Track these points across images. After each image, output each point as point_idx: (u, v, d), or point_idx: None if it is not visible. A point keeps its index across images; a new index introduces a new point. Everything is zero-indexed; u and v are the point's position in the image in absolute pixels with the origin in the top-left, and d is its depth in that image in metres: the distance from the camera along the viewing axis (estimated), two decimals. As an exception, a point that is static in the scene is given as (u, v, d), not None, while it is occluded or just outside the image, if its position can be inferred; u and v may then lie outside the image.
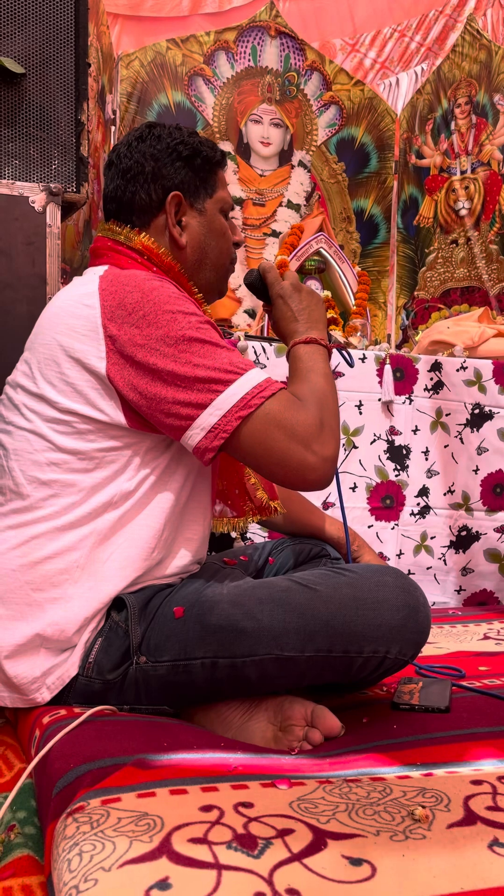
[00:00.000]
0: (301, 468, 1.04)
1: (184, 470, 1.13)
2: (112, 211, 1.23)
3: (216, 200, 1.25)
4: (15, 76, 1.53)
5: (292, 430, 1.03)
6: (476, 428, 2.20)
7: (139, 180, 1.20)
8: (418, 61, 4.24)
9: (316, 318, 1.21)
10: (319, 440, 1.05)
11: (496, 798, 0.83)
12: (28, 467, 1.07)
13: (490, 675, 1.35)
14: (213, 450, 1.03)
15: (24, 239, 1.54)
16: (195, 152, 1.22)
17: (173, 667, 1.03)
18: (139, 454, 1.08)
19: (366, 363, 2.14)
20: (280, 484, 1.10)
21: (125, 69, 2.94)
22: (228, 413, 1.02)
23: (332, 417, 1.08)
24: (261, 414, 1.03)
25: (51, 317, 1.12)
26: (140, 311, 1.04)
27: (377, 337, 3.22)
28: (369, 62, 4.35)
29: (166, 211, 1.20)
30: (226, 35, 3.11)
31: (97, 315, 1.06)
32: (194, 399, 1.02)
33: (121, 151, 1.22)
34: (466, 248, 3.29)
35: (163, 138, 1.21)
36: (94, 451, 1.06)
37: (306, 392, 1.09)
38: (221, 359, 1.03)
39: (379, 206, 3.36)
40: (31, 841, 0.83)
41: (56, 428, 1.06)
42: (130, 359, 1.04)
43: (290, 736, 0.99)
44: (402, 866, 0.69)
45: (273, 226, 3.22)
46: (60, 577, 1.05)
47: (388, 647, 1.01)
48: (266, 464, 1.05)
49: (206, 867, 0.67)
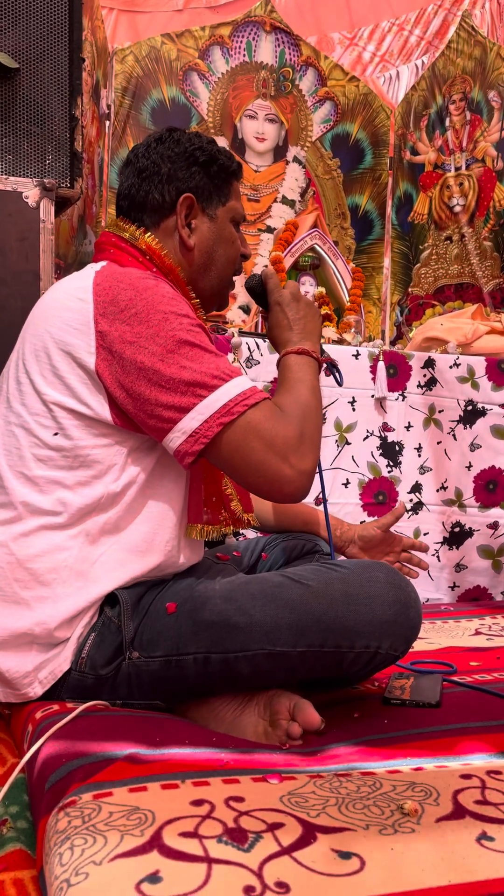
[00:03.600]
0: (276, 480, 1.04)
1: (173, 473, 1.13)
2: (124, 208, 1.24)
3: (228, 209, 1.25)
4: (8, 71, 1.52)
5: (271, 442, 1.03)
6: (469, 424, 2.21)
7: (154, 180, 1.20)
8: (419, 54, 4.24)
9: (311, 329, 1.22)
10: (297, 453, 1.05)
11: (485, 792, 0.84)
12: (15, 463, 1.07)
13: (481, 670, 1.36)
14: (193, 454, 1.03)
15: (18, 234, 1.54)
16: (212, 159, 1.22)
17: (166, 662, 1.03)
18: (124, 454, 1.08)
19: (359, 359, 2.14)
20: (256, 494, 1.09)
21: (119, 64, 2.93)
22: (210, 419, 1.01)
23: (313, 430, 1.08)
24: (242, 422, 1.02)
25: (45, 309, 1.12)
26: (132, 308, 1.04)
27: (371, 333, 3.22)
28: (368, 55, 4.34)
29: (177, 212, 1.20)
30: (221, 30, 3.10)
31: (90, 310, 1.06)
32: (178, 402, 1.02)
33: (139, 151, 1.23)
34: (460, 244, 3.30)
35: (181, 142, 1.22)
36: (79, 449, 1.06)
37: (291, 403, 1.09)
38: (209, 364, 1.03)
39: (373, 202, 3.36)
40: (23, 835, 0.83)
41: (42, 422, 1.06)
42: (119, 356, 1.04)
43: (279, 730, 1.00)
44: (391, 860, 0.70)
45: (268, 221, 3.22)
46: (49, 575, 1.05)
47: (379, 641, 1.02)
48: (243, 473, 1.05)
49: (197, 861, 0.67)
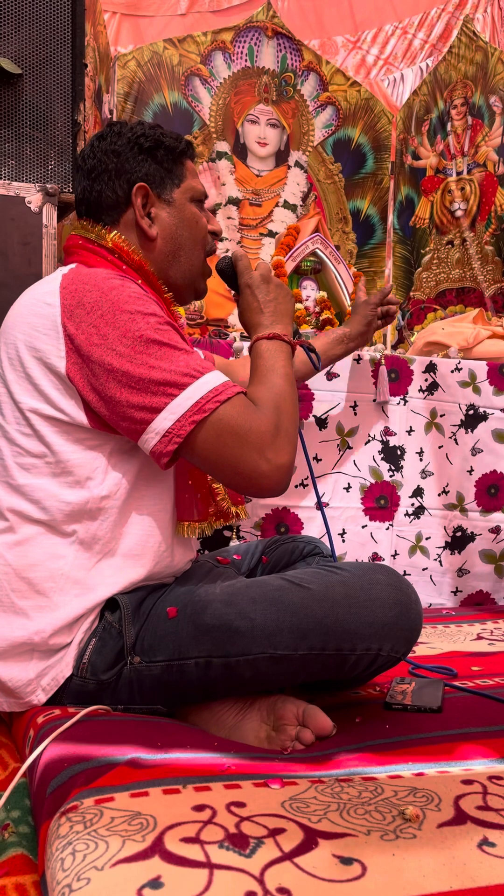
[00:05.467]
0: (254, 476, 1.02)
1: (162, 474, 1.12)
2: (82, 212, 1.23)
3: (185, 190, 1.23)
4: (11, 76, 1.53)
5: (245, 437, 1.01)
6: (470, 429, 2.21)
7: (103, 178, 1.19)
8: (423, 57, 4.24)
9: (282, 311, 1.18)
10: (273, 447, 1.02)
11: (486, 797, 0.84)
12: (0, 474, 1.07)
13: (482, 675, 1.36)
14: (168, 454, 1.01)
15: (21, 239, 1.54)
16: (157, 143, 1.21)
17: (167, 667, 1.03)
18: (104, 457, 1.07)
19: (361, 364, 2.14)
20: (235, 490, 1.07)
21: (122, 69, 2.94)
22: (182, 417, 1.00)
23: (289, 422, 1.05)
24: (214, 419, 1.00)
25: (15, 315, 1.11)
26: (98, 310, 1.03)
27: (372, 338, 3.23)
28: (372, 58, 4.35)
29: (133, 204, 1.19)
30: (223, 35, 3.11)
31: (57, 313, 1.05)
32: (149, 402, 1.00)
33: (85, 153, 1.22)
34: (462, 249, 3.30)
35: (123, 134, 1.21)
36: (59, 455, 1.05)
37: (263, 395, 1.07)
38: (178, 362, 1.02)
39: (375, 206, 3.36)
40: (25, 840, 0.83)
41: (22, 430, 1.06)
42: (88, 358, 1.03)
43: (283, 735, 1.00)
44: (393, 865, 0.70)
45: (269, 226, 3.22)
46: (46, 584, 1.05)
47: (380, 644, 1.02)
48: (220, 470, 1.04)
49: (198, 866, 0.67)
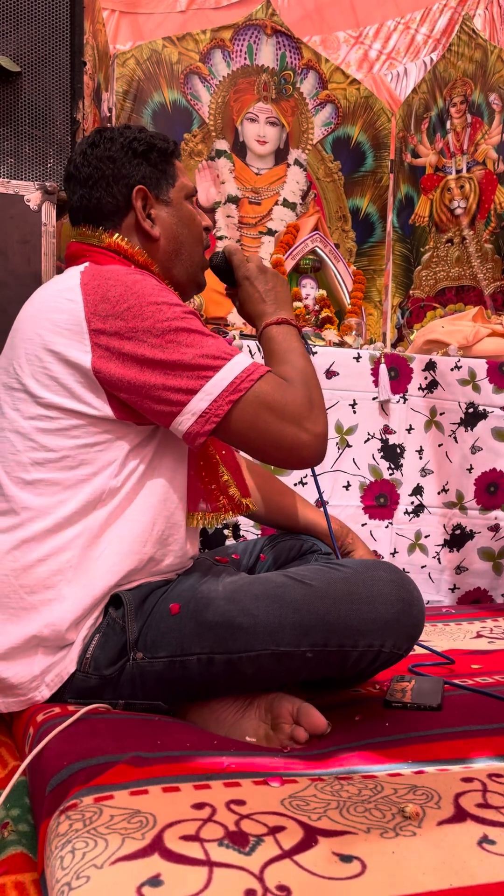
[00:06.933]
0: (296, 447, 1.06)
1: (170, 463, 1.14)
2: (80, 219, 1.24)
3: (179, 188, 1.26)
4: (10, 74, 1.53)
5: (283, 411, 1.05)
6: (470, 427, 2.21)
7: (101, 185, 1.21)
8: (426, 52, 4.23)
9: (283, 298, 1.23)
10: (311, 418, 1.07)
11: (486, 795, 0.84)
12: (12, 468, 1.07)
13: (482, 673, 1.36)
14: (205, 434, 1.04)
15: (20, 237, 1.54)
16: (150, 146, 1.23)
17: (170, 663, 1.03)
18: (123, 449, 1.09)
19: (360, 362, 2.14)
20: (275, 465, 1.11)
21: (121, 67, 2.94)
22: (219, 398, 1.03)
23: (318, 395, 1.11)
24: (251, 397, 1.04)
25: (32, 313, 1.12)
26: (125, 303, 1.05)
27: (372, 336, 3.22)
28: (374, 53, 4.34)
29: (134, 207, 1.21)
30: (222, 33, 3.11)
31: (80, 309, 1.06)
32: (184, 385, 1.03)
33: (77, 162, 1.23)
34: (461, 247, 3.30)
35: (115, 140, 1.22)
36: (78, 448, 1.06)
37: (290, 372, 1.11)
38: (209, 346, 1.05)
39: (374, 204, 3.36)
40: (24, 838, 0.83)
41: (38, 425, 1.06)
42: (118, 351, 1.04)
43: (281, 734, 1.00)
44: (392, 863, 0.70)
45: (269, 224, 3.22)
46: (54, 578, 1.05)
47: (382, 640, 1.02)
48: (260, 446, 1.07)
49: (198, 864, 0.67)
